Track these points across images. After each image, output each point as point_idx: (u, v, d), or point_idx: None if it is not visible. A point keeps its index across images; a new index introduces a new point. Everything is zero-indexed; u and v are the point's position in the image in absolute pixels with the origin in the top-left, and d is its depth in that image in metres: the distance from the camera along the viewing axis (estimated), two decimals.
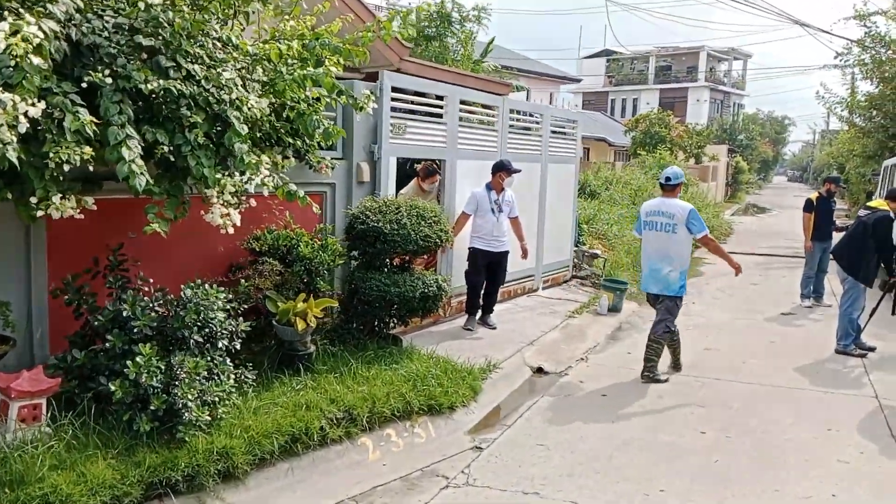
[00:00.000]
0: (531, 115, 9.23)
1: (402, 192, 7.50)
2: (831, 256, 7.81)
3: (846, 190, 24.12)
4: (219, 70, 4.11)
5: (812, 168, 52.18)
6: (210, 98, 4.04)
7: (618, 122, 39.73)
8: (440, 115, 7.19)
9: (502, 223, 7.29)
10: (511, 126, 8.69)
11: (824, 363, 6.93)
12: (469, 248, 7.34)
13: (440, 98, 7.12)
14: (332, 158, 5.84)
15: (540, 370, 6.46)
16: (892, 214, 6.99)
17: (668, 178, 6.17)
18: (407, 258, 5.82)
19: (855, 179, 23.84)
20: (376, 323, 5.80)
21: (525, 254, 7.58)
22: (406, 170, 7.92)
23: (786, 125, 58.02)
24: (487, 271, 7.38)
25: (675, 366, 6.51)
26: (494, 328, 7.43)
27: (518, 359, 6.59)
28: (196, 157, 3.87)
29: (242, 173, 4.09)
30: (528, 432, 5.04)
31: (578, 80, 47.46)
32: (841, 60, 17.80)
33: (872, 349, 7.29)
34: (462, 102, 7.55)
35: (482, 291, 7.45)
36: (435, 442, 4.80)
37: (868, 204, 7.45)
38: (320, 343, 5.33)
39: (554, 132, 9.82)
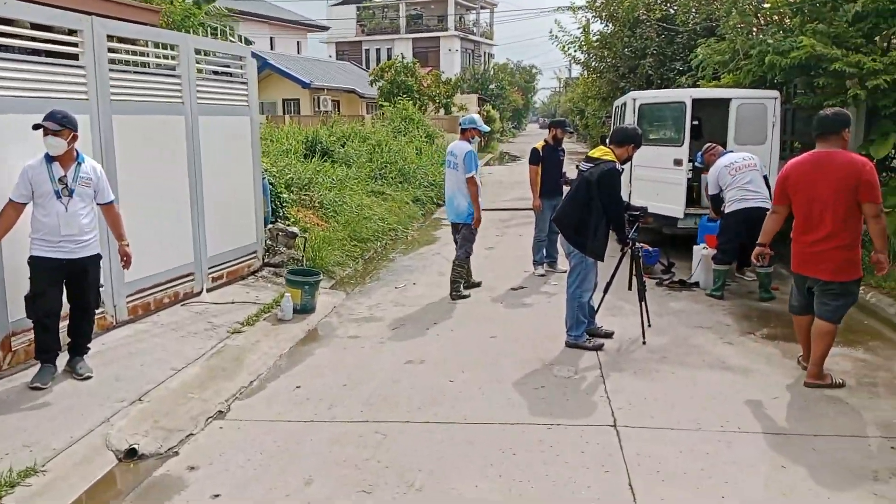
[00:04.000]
0: (159, 47, 6.38)
1: None
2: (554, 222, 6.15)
3: (585, 133, 24.33)
4: None
5: (558, 114, 54.69)
6: None
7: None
8: None
9: (79, 214, 4.59)
10: (124, 62, 5.91)
11: (552, 367, 5.25)
12: (28, 259, 4.57)
13: None
14: None
15: (133, 453, 3.98)
16: (618, 165, 5.37)
17: (461, 123, 7.22)
18: None
19: (593, 123, 24.06)
20: None
21: (127, 260, 4.96)
22: None
23: (534, 74, 60.05)
24: (66, 290, 4.70)
25: (468, 286, 7.42)
26: (88, 378, 4.78)
27: (96, 438, 4.02)
28: None
29: None
30: None
31: (326, 29, 44.68)
32: None
33: (609, 335, 5.82)
34: None
35: (57, 324, 4.74)
36: None
37: (590, 154, 5.66)
38: None
39: (214, 73, 7.19)
